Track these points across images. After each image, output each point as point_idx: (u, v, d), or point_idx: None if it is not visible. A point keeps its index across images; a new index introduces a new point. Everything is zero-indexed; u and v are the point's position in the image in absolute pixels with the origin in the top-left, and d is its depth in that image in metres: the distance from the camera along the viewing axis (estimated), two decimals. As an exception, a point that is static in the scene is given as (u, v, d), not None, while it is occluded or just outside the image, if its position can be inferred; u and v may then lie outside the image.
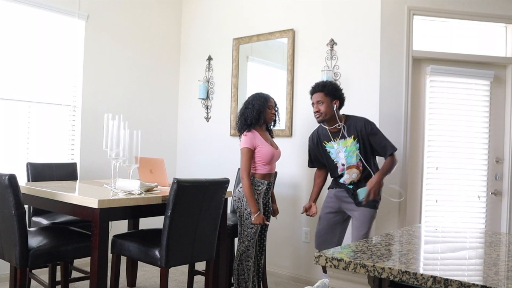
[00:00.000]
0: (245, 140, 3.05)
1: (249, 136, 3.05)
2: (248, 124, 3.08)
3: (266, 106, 3.11)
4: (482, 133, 3.73)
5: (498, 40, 3.82)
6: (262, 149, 3.05)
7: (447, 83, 3.72)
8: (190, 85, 4.92)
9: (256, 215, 2.98)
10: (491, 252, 1.59)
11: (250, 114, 3.08)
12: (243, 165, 3.02)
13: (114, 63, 4.44)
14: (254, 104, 3.11)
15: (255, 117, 3.07)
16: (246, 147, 3.02)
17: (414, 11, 3.64)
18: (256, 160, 3.07)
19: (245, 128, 3.08)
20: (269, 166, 3.12)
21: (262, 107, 3.09)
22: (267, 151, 3.06)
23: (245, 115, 3.11)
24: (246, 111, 3.11)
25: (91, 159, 4.17)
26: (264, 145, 3.08)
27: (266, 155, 3.06)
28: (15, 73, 3.77)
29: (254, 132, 3.09)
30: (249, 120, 3.07)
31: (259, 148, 3.05)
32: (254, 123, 3.08)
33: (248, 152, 3.02)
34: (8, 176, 2.43)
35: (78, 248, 2.71)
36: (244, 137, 3.07)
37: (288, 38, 4.10)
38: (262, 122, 3.12)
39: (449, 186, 3.68)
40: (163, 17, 4.90)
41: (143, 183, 2.85)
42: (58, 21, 4.01)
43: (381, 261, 1.32)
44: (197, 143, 4.85)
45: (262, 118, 3.10)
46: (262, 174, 3.10)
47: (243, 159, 3.03)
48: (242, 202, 3.05)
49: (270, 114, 3.15)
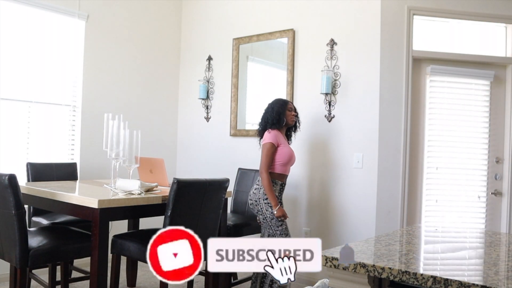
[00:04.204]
0: (269, 136, 3.05)
1: (273, 132, 3.07)
2: (271, 124, 3.11)
3: (285, 108, 3.15)
4: (482, 133, 3.73)
5: (498, 40, 3.82)
6: (283, 148, 3.06)
7: (447, 83, 3.72)
8: (190, 85, 4.91)
9: (277, 208, 2.96)
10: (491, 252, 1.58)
11: (271, 116, 3.11)
12: (264, 159, 3.02)
13: (114, 63, 4.44)
14: (274, 107, 3.15)
15: (276, 118, 3.09)
16: (270, 142, 3.03)
17: (414, 11, 3.64)
18: (276, 159, 3.06)
19: (268, 127, 3.11)
20: (286, 167, 3.12)
21: (281, 108, 3.13)
22: (287, 152, 3.07)
23: (265, 117, 3.15)
24: (267, 114, 3.16)
25: (91, 159, 4.17)
26: (286, 145, 3.10)
27: (286, 155, 3.06)
28: (15, 73, 3.77)
29: (278, 131, 3.11)
30: (271, 121, 3.10)
31: (281, 147, 3.06)
32: (276, 124, 3.10)
33: (271, 148, 3.02)
34: (8, 176, 2.43)
35: (78, 248, 2.71)
36: (268, 134, 3.07)
37: (288, 38, 4.10)
38: (283, 124, 3.13)
39: (449, 186, 3.68)
40: (163, 17, 4.90)
41: (143, 183, 2.85)
42: (58, 21, 4.01)
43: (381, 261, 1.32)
44: (197, 143, 4.84)
45: (283, 120, 3.11)
46: (278, 173, 3.09)
47: (265, 153, 3.02)
48: (261, 204, 3.02)
49: (291, 116, 3.17)
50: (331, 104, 3.82)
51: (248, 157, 4.33)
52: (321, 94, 3.83)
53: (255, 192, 3.07)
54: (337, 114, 3.80)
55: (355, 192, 3.70)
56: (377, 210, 3.57)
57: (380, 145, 3.59)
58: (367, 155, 3.62)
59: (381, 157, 3.59)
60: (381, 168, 3.59)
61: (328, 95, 3.82)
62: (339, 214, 3.78)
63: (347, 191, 3.74)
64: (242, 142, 4.44)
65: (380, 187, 3.58)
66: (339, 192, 3.78)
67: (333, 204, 3.81)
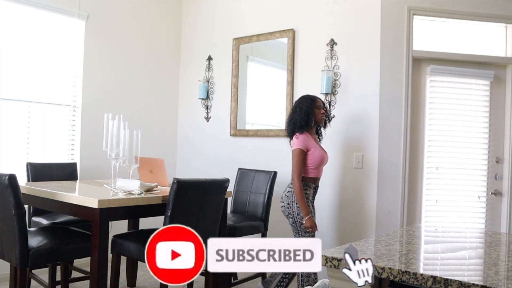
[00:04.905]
0: (297, 142, 2.97)
1: (301, 137, 2.98)
2: (299, 127, 3.01)
3: (314, 107, 3.04)
4: (482, 133, 3.73)
5: (498, 40, 3.82)
6: (314, 152, 2.99)
7: (447, 83, 3.72)
8: (190, 85, 4.91)
9: (307, 218, 2.90)
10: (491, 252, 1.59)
11: (299, 117, 3.01)
12: (295, 166, 2.94)
13: (114, 63, 4.44)
14: (302, 106, 3.03)
15: (304, 119, 3.00)
16: (299, 149, 2.95)
17: (414, 11, 3.64)
18: (307, 163, 2.99)
19: (296, 130, 3.02)
20: (318, 170, 3.05)
21: (310, 108, 3.02)
22: (318, 155, 3.00)
23: (293, 119, 3.05)
24: (294, 115, 3.05)
25: (91, 159, 4.17)
26: (316, 148, 3.02)
27: (317, 158, 2.99)
28: (15, 73, 3.77)
29: (307, 134, 3.02)
30: (299, 123, 3.00)
31: (311, 151, 2.98)
32: (304, 126, 3.00)
33: (301, 154, 2.95)
34: (8, 176, 2.43)
35: (78, 248, 2.71)
36: (296, 139, 2.99)
37: (288, 38, 4.10)
38: (312, 124, 3.04)
39: (449, 186, 3.68)
40: (163, 17, 4.90)
41: (143, 183, 2.85)
42: (58, 21, 4.01)
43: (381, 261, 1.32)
44: (197, 143, 4.84)
45: (312, 120, 3.02)
46: (311, 177, 3.02)
47: (295, 160, 2.95)
48: (293, 207, 2.97)
49: (320, 115, 3.07)
50: (331, 104, 3.82)
51: (248, 157, 4.34)
52: (321, 94, 3.82)
53: (287, 195, 3.01)
54: (337, 114, 3.80)
55: (355, 192, 3.70)
56: (377, 210, 3.57)
57: (380, 145, 3.59)
58: (367, 155, 3.62)
59: (381, 157, 3.59)
60: (381, 168, 3.59)
61: (328, 95, 3.82)
62: (339, 214, 3.78)
63: (347, 191, 3.74)
64: (242, 142, 4.44)
65: (380, 187, 3.58)
66: (339, 192, 3.78)
67: (333, 204, 3.81)
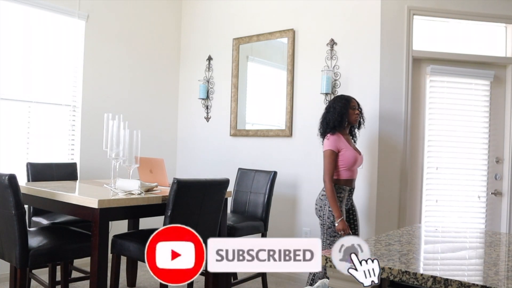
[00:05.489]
0: (328, 143, 2.92)
1: (332, 138, 2.92)
2: (332, 127, 2.95)
3: (348, 107, 2.97)
4: (482, 133, 3.73)
5: (498, 40, 3.82)
6: (345, 152, 2.91)
7: (447, 83, 3.72)
8: (190, 85, 4.91)
9: (339, 220, 2.82)
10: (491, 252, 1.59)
11: (332, 117, 2.95)
12: (326, 168, 2.89)
13: (114, 63, 4.44)
14: (336, 106, 2.97)
15: (338, 120, 2.94)
16: (330, 149, 2.89)
17: (414, 11, 3.64)
18: (339, 165, 2.92)
19: (328, 131, 2.96)
20: (352, 171, 2.97)
21: (344, 108, 2.95)
22: (350, 155, 2.92)
23: (327, 119, 2.98)
24: (328, 115, 2.99)
25: (91, 159, 4.17)
26: (348, 148, 2.94)
27: (349, 159, 2.92)
28: (15, 73, 3.77)
29: (339, 135, 2.95)
30: (332, 123, 2.94)
31: (343, 152, 2.91)
32: (338, 126, 2.95)
33: (332, 155, 2.89)
34: (8, 176, 2.43)
35: (78, 248, 2.71)
36: (327, 140, 2.94)
37: (288, 38, 4.10)
38: (346, 125, 2.99)
39: (449, 186, 3.68)
40: (163, 17, 4.90)
41: (143, 183, 2.85)
42: (58, 21, 4.01)
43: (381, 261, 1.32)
44: (197, 143, 4.84)
45: (345, 120, 2.96)
46: (344, 179, 2.94)
47: (326, 161, 2.90)
48: (324, 210, 2.90)
49: (354, 115, 2.99)
50: (331, 104, 3.82)
51: (248, 157, 4.34)
52: (321, 94, 3.83)
53: (321, 198, 2.94)
54: (337, 114, 3.80)
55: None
56: (377, 210, 3.58)
57: (380, 145, 3.59)
58: (367, 155, 3.62)
59: (381, 157, 3.59)
60: (381, 168, 3.59)
61: (328, 95, 3.82)
62: (339, 214, 3.77)
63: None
64: (242, 142, 4.44)
65: (380, 187, 3.58)
66: (339, 192, 3.78)
67: (333, 204, 3.80)
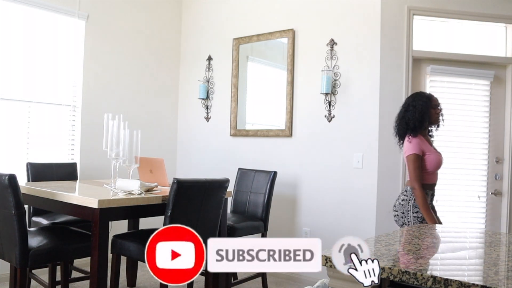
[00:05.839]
0: (411, 146, 2.69)
1: (415, 141, 2.69)
2: (412, 128, 2.72)
3: (430, 106, 2.75)
4: (482, 133, 3.73)
5: (498, 40, 3.82)
6: (430, 156, 2.71)
7: (447, 83, 3.72)
8: (190, 85, 4.91)
9: None
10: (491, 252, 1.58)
11: (412, 116, 2.72)
12: (413, 173, 2.66)
13: (114, 63, 4.44)
14: (416, 105, 2.74)
15: (418, 120, 2.71)
16: (415, 154, 2.66)
17: (414, 11, 3.64)
18: (424, 169, 2.71)
19: (408, 132, 2.73)
20: (434, 175, 2.78)
21: (425, 107, 2.73)
22: (435, 159, 2.72)
23: (406, 118, 2.75)
24: (407, 114, 2.75)
25: (91, 159, 4.17)
26: (432, 152, 2.74)
27: (434, 163, 2.71)
28: (15, 73, 3.77)
29: (421, 137, 2.73)
30: (412, 123, 2.72)
31: (427, 155, 2.71)
32: (418, 127, 2.72)
33: (417, 159, 2.66)
34: (8, 176, 2.43)
35: (78, 248, 2.71)
36: (409, 143, 2.71)
37: (288, 38, 4.10)
38: (426, 125, 2.78)
39: (449, 186, 3.68)
40: (163, 17, 4.90)
41: (143, 183, 2.85)
42: (58, 21, 4.01)
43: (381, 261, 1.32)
44: (197, 143, 4.84)
45: (427, 120, 2.74)
46: (428, 184, 2.73)
47: (412, 167, 2.67)
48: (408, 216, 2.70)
49: (435, 115, 2.77)
50: (331, 104, 3.82)
51: (248, 157, 4.34)
52: (321, 94, 3.83)
53: (402, 203, 2.74)
54: (337, 114, 3.80)
55: (355, 192, 3.70)
56: (377, 210, 3.58)
57: (380, 145, 3.59)
58: (367, 155, 3.62)
59: (381, 157, 3.59)
60: (381, 168, 3.59)
61: (328, 95, 3.82)
62: (339, 214, 3.78)
63: (347, 191, 3.74)
64: (242, 142, 4.44)
65: (380, 187, 3.58)
66: (339, 192, 3.78)
67: (333, 204, 3.81)
